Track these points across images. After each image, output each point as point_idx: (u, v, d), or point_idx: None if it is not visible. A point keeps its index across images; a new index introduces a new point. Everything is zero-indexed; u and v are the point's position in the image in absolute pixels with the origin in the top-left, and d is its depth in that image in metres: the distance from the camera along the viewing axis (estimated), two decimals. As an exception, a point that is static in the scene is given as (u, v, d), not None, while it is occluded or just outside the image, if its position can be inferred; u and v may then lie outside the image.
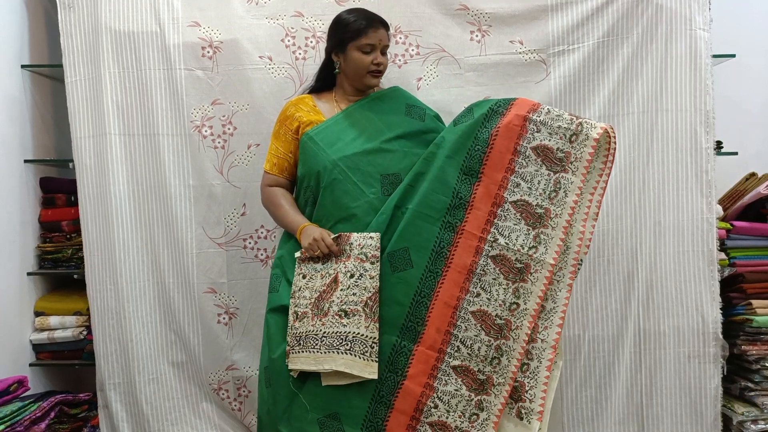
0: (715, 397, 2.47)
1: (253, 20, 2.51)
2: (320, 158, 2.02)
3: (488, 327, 1.85)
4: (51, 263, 2.74)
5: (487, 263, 1.87)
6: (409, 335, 1.84)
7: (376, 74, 2.09)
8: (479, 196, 1.91)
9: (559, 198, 1.87)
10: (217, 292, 2.56)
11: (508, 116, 1.93)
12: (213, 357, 2.58)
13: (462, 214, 1.90)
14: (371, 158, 2.01)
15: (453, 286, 1.86)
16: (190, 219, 2.54)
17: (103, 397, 2.57)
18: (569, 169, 1.88)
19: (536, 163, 1.89)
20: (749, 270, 2.54)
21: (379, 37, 2.06)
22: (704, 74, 2.45)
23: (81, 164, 2.55)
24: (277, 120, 2.17)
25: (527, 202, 1.88)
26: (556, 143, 1.89)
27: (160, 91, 2.52)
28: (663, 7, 2.45)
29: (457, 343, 1.84)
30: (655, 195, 2.48)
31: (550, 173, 1.88)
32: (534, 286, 1.86)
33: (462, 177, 1.93)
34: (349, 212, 1.97)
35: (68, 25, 2.54)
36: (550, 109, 1.93)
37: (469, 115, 2.01)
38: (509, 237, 1.87)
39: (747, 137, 2.95)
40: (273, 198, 2.13)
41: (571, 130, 1.89)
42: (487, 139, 1.93)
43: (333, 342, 1.86)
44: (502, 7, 2.49)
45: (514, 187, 1.90)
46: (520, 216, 1.88)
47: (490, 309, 1.85)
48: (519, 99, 1.99)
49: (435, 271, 1.87)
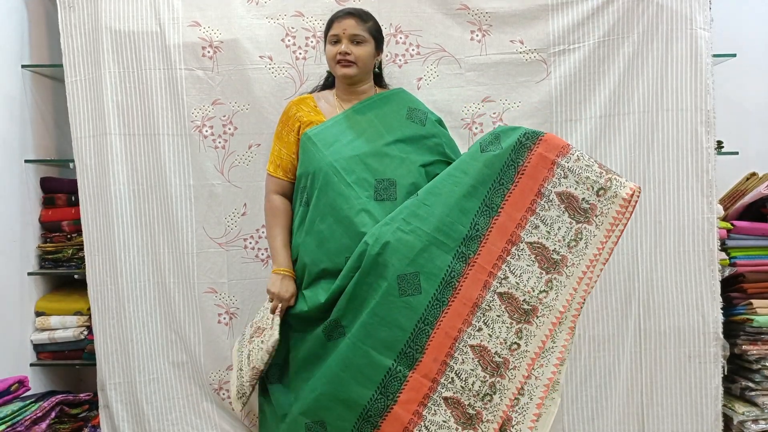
0: (715, 397, 2.47)
1: (253, 20, 2.51)
2: (317, 159, 2.01)
3: (485, 363, 1.82)
4: (51, 263, 2.74)
5: (494, 299, 1.84)
6: (405, 361, 1.82)
7: (344, 64, 2.03)
8: (495, 231, 1.87)
9: (578, 248, 1.84)
10: (218, 292, 2.56)
11: (536, 156, 1.88)
12: (213, 357, 2.58)
13: (476, 246, 1.87)
14: (368, 161, 1.99)
15: (456, 317, 1.83)
16: (190, 219, 2.54)
17: (104, 397, 2.58)
18: (593, 222, 1.84)
19: (559, 208, 1.85)
20: (750, 270, 2.54)
21: (344, 26, 2.02)
22: (705, 74, 2.45)
23: (81, 164, 2.55)
24: (279, 121, 2.15)
25: (544, 245, 1.85)
26: (582, 193, 1.84)
27: (161, 91, 2.52)
28: (663, 6, 2.45)
29: (451, 374, 1.82)
30: (655, 194, 2.48)
31: (572, 221, 1.85)
32: (538, 329, 1.83)
33: (482, 209, 1.89)
34: (342, 214, 1.95)
35: (68, 25, 2.54)
36: (580, 156, 1.86)
37: (496, 143, 1.94)
38: (520, 277, 1.84)
39: (748, 137, 2.95)
40: (271, 217, 2.10)
41: (600, 183, 1.83)
42: (512, 177, 1.89)
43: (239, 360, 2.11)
44: (502, 6, 2.48)
45: (532, 228, 1.86)
46: (534, 258, 1.85)
47: (490, 345, 1.83)
48: (548, 136, 1.91)
49: (441, 300, 1.84)
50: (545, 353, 1.84)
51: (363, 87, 2.13)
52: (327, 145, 2.01)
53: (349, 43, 2.02)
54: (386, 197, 1.98)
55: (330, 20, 2.08)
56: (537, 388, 1.83)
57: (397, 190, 1.98)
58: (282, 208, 2.10)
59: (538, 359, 1.84)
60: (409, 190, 1.98)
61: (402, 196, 1.97)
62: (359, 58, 2.04)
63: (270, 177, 2.13)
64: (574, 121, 2.49)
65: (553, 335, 1.84)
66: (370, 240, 1.88)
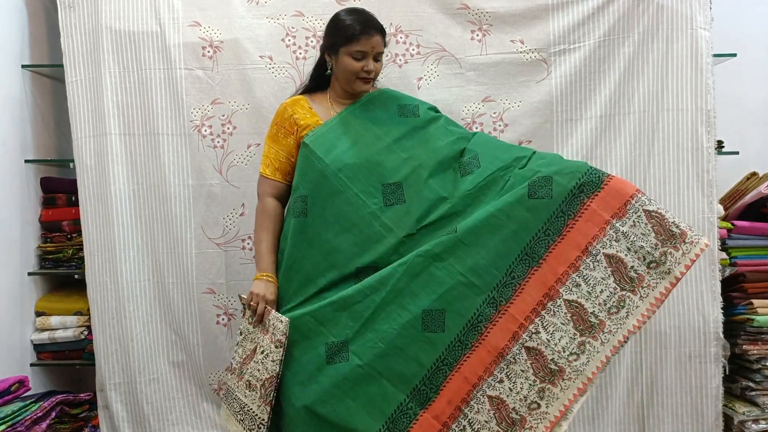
0: (716, 397, 2.46)
1: (253, 20, 2.51)
2: (318, 168, 1.95)
3: (501, 417, 1.75)
4: (52, 263, 2.74)
5: (521, 352, 1.76)
6: (418, 398, 1.76)
7: (365, 81, 2.02)
8: (533, 282, 1.78)
9: (619, 316, 1.74)
10: (216, 292, 2.55)
11: (589, 211, 1.77)
12: (213, 357, 2.58)
13: (509, 294, 1.79)
14: (371, 167, 1.94)
15: (478, 364, 1.76)
16: (189, 219, 2.54)
17: (104, 397, 2.58)
18: (638, 292, 1.74)
19: (605, 271, 1.76)
20: (750, 269, 2.54)
21: (372, 44, 1.97)
22: (705, 73, 2.45)
23: (81, 164, 2.55)
24: (273, 122, 2.07)
25: (583, 306, 1.76)
26: (632, 261, 1.75)
27: (161, 91, 2.52)
28: (664, 6, 2.44)
29: (464, 422, 1.76)
30: (656, 194, 2.47)
31: (617, 287, 1.75)
32: (563, 393, 1.74)
33: (522, 257, 1.80)
34: (351, 223, 1.91)
35: (68, 25, 2.54)
36: (639, 219, 1.75)
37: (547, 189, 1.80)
38: (552, 334, 1.75)
39: (748, 137, 2.95)
40: (261, 221, 2.04)
41: (653, 257, 1.74)
42: (560, 229, 1.79)
43: (235, 407, 1.95)
44: (502, 6, 2.48)
45: (573, 285, 1.77)
46: (570, 317, 1.76)
47: (508, 400, 1.75)
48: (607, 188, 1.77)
49: (465, 343, 1.77)
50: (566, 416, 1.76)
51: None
52: (326, 152, 1.96)
53: (372, 60, 2.00)
54: (395, 201, 1.93)
55: (355, 33, 1.96)
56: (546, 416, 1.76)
57: (405, 192, 1.94)
58: (274, 213, 2.04)
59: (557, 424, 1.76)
60: (417, 189, 1.93)
61: (410, 197, 1.93)
62: (377, 73, 2.05)
63: (265, 179, 2.06)
64: (574, 120, 2.48)
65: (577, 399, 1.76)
66: (399, 269, 1.82)
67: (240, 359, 1.97)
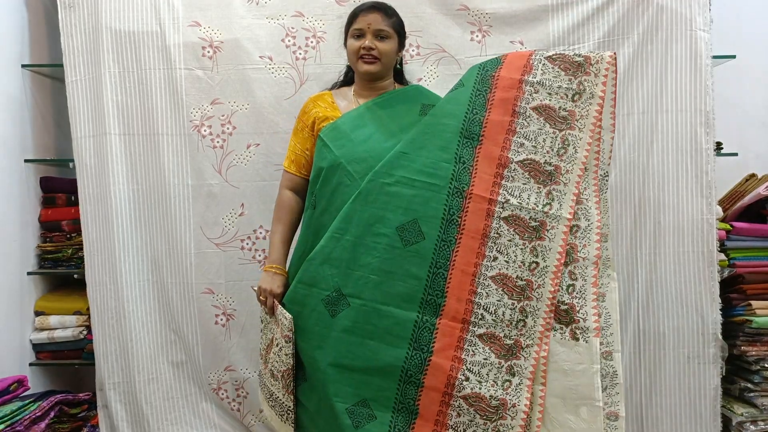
0: (714, 398, 2.47)
1: (253, 20, 2.51)
2: (328, 160, 1.96)
3: (510, 290, 1.79)
4: (51, 263, 2.74)
5: (500, 225, 1.81)
6: (429, 309, 1.78)
7: (367, 60, 1.98)
8: (482, 159, 1.86)
9: (568, 155, 1.84)
10: (215, 293, 2.56)
11: (500, 79, 1.91)
12: (212, 357, 2.58)
13: (467, 178, 1.84)
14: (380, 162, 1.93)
15: (469, 253, 1.80)
16: (188, 219, 2.54)
17: (103, 397, 2.58)
18: (576, 126, 1.85)
19: (538, 122, 1.86)
20: (749, 271, 2.54)
21: (369, 20, 1.97)
22: (704, 75, 2.45)
23: (81, 164, 2.55)
24: (297, 117, 2.11)
25: (534, 160, 1.84)
26: (557, 102, 1.86)
27: (160, 91, 2.52)
28: (663, 7, 2.45)
29: (480, 311, 1.78)
30: (655, 195, 2.48)
31: (555, 131, 1.85)
32: (552, 242, 1.80)
33: (463, 141, 1.87)
34: None
35: (68, 25, 2.54)
36: (545, 66, 1.88)
37: (459, 83, 1.98)
38: (520, 197, 1.82)
39: (747, 138, 2.95)
40: (277, 211, 2.08)
41: (573, 89, 1.86)
42: (483, 104, 1.90)
43: (266, 393, 2.03)
44: (502, 7, 2.49)
45: (517, 146, 1.85)
46: (528, 175, 1.84)
47: (509, 271, 1.80)
48: (509, 56, 1.95)
49: (448, 240, 1.81)
50: (584, 232, 1.82)
51: (383, 83, 2.07)
52: (339, 145, 1.96)
53: (373, 38, 1.97)
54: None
55: (353, 13, 2.02)
56: (587, 268, 1.80)
57: None
58: (289, 204, 2.07)
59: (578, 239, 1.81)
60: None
61: None
62: (383, 54, 1.99)
63: (284, 172, 2.10)
64: (573, 121, 2.49)
65: (585, 212, 1.83)
66: (357, 202, 1.85)
67: (264, 347, 2.04)
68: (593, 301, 1.79)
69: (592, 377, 1.75)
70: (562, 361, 1.77)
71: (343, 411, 1.77)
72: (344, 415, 1.76)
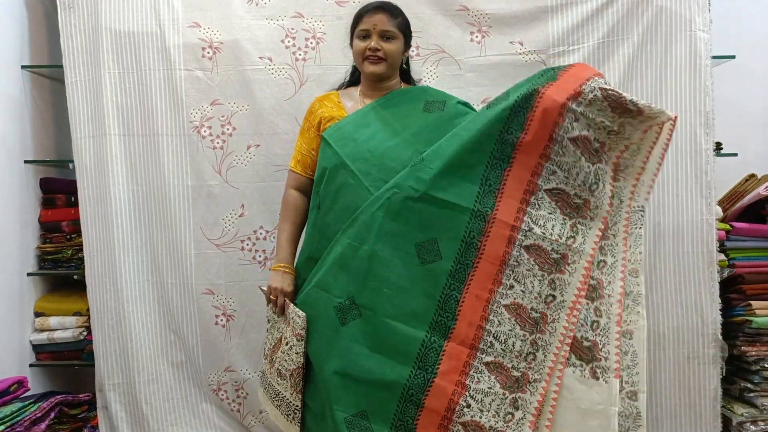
0: (714, 398, 2.47)
1: (253, 21, 2.52)
2: (332, 159, 1.95)
3: (523, 321, 1.74)
4: (51, 264, 2.74)
5: (521, 253, 1.75)
6: (439, 330, 1.75)
7: (373, 61, 1.98)
8: (510, 183, 1.78)
9: (599, 190, 1.76)
10: (215, 293, 2.56)
11: (545, 98, 1.75)
12: (212, 358, 2.58)
13: (492, 202, 1.78)
14: (384, 162, 1.91)
15: (485, 278, 1.75)
16: (188, 220, 2.54)
17: (103, 398, 2.58)
18: (603, 159, 1.76)
19: (574, 154, 1.75)
20: (749, 271, 2.54)
21: (374, 21, 1.96)
22: (704, 75, 2.45)
23: (81, 164, 2.55)
24: (304, 117, 2.12)
25: (564, 191, 1.77)
26: (593, 134, 1.75)
27: (160, 92, 2.52)
28: (663, 8, 2.45)
29: (489, 338, 1.74)
30: (654, 196, 2.47)
31: (589, 165, 1.75)
32: (572, 277, 1.74)
33: (492, 162, 1.79)
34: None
35: (68, 26, 2.54)
36: (593, 100, 1.72)
37: (504, 96, 1.85)
38: (544, 226, 1.75)
39: (747, 138, 2.95)
40: (283, 211, 2.08)
41: (612, 128, 1.75)
42: (522, 123, 1.76)
43: (271, 393, 2.02)
44: (502, 8, 2.49)
45: (549, 174, 1.77)
46: (555, 205, 1.76)
47: (524, 302, 1.74)
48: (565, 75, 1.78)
49: (465, 263, 1.76)
50: (609, 269, 1.76)
51: (389, 83, 2.07)
52: (343, 145, 1.95)
53: (378, 39, 1.97)
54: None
55: (358, 14, 2.01)
56: (612, 306, 1.75)
57: None
58: (295, 204, 2.07)
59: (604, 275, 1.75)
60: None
61: None
62: (389, 55, 1.98)
63: (290, 171, 2.11)
64: (573, 122, 2.49)
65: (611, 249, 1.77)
66: (379, 213, 1.81)
67: (270, 347, 2.03)
68: (616, 340, 1.74)
69: (610, 419, 1.69)
70: (579, 399, 1.72)
71: (342, 420, 1.76)
72: (342, 425, 1.76)
